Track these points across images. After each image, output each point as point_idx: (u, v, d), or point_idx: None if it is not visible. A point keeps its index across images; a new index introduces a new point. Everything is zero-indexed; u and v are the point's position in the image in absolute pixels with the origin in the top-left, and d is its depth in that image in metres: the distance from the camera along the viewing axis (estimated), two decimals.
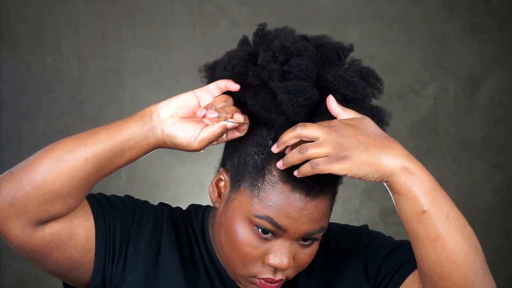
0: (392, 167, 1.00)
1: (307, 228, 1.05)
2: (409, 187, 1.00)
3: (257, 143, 1.06)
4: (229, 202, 1.09)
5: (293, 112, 1.02)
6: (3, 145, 2.69)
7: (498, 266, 2.83)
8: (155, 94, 2.72)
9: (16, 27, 2.69)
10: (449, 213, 1.01)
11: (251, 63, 1.06)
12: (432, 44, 2.77)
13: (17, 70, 2.69)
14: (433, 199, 1.00)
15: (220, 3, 2.72)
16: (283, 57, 1.04)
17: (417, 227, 1.01)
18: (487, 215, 2.77)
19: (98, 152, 1.03)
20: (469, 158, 2.78)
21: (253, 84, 1.05)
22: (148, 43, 2.72)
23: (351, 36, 2.69)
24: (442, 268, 1.01)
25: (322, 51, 1.07)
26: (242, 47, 1.10)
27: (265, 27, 1.10)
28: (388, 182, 1.01)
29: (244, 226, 1.06)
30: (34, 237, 1.05)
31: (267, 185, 1.04)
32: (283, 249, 1.06)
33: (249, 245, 1.06)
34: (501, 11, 2.79)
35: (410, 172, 1.01)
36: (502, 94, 2.79)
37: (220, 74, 1.08)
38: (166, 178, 2.73)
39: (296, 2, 2.75)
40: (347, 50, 1.09)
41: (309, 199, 1.04)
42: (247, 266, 1.08)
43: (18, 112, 2.69)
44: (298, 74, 1.03)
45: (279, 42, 1.05)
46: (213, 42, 2.70)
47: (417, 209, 1.00)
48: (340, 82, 1.04)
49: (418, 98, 2.76)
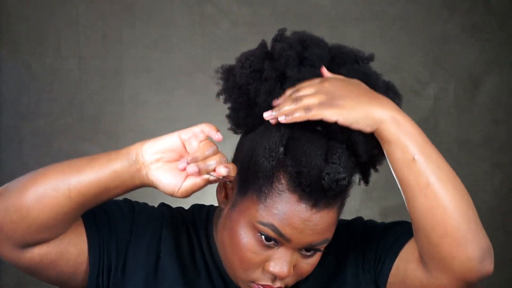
0: (382, 116, 1.01)
1: (310, 239, 1.04)
2: (399, 135, 1.02)
3: (268, 149, 1.05)
4: (235, 205, 1.09)
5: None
6: (3, 145, 2.69)
7: (498, 266, 2.82)
8: (155, 94, 2.72)
9: (16, 27, 2.69)
10: (439, 163, 1.03)
11: (268, 59, 1.07)
12: (432, 44, 2.77)
13: (17, 70, 2.69)
14: (423, 149, 1.02)
15: (220, 3, 2.72)
16: (299, 48, 1.05)
17: (408, 174, 1.02)
18: (487, 215, 2.77)
19: (83, 191, 1.01)
20: (469, 158, 2.78)
21: (269, 78, 1.05)
22: (148, 43, 2.72)
23: (351, 36, 2.69)
24: (434, 214, 1.02)
25: (340, 55, 1.08)
26: (260, 47, 1.10)
27: (285, 32, 1.10)
28: (378, 131, 1.02)
29: (248, 231, 1.06)
30: (23, 258, 1.04)
31: (274, 192, 1.03)
32: (284, 258, 1.05)
33: (250, 250, 1.06)
34: (501, 11, 2.79)
35: (399, 122, 1.02)
36: (502, 94, 2.79)
37: (238, 72, 1.08)
38: None
39: (296, 2, 2.75)
40: (367, 58, 1.11)
41: (315, 211, 1.03)
42: (247, 271, 1.07)
43: (18, 112, 2.69)
44: (314, 62, 1.04)
45: (296, 34, 1.07)
46: (213, 42, 2.70)
47: (407, 156, 1.02)
48: (354, 75, 1.06)
49: (418, 98, 2.76)
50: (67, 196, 1.01)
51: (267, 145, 1.05)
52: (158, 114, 2.72)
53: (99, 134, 2.70)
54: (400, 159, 1.02)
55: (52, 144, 2.70)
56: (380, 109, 1.01)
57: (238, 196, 1.08)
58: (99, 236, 1.09)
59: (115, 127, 2.70)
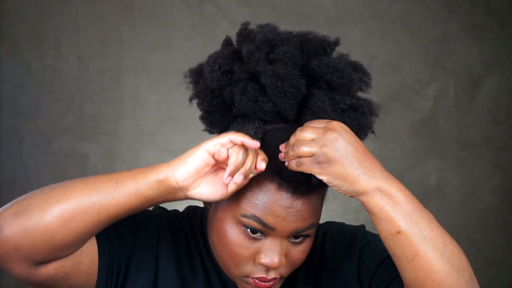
0: (366, 187, 0.99)
1: (295, 225, 1.04)
2: (382, 207, 0.99)
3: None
4: (218, 203, 1.09)
5: (279, 97, 1.02)
6: (3, 145, 2.69)
7: (498, 266, 2.83)
8: (155, 94, 2.72)
9: (16, 27, 2.69)
10: (427, 233, 1.00)
11: (236, 60, 1.07)
12: (432, 44, 2.77)
13: (17, 70, 2.69)
14: (409, 220, 0.99)
15: (220, 3, 2.72)
16: (267, 48, 1.05)
17: (394, 246, 1.00)
18: (487, 215, 2.77)
19: (113, 215, 1.00)
20: (469, 158, 2.78)
21: (240, 78, 1.05)
22: (148, 43, 2.72)
23: (351, 36, 2.69)
24: (423, 286, 1.00)
25: (308, 45, 1.07)
26: (225, 47, 1.11)
27: (248, 26, 1.11)
28: (361, 201, 1.01)
29: (233, 226, 1.06)
30: (37, 274, 1.03)
31: (253, 183, 1.03)
32: (273, 248, 1.05)
33: (239, 245, 1.06)
34: (501, 11, 2.79)
35: (384, 193, 1.00)
36: (502, 94, 2.79)
37: (209, 77, 1.07)
38: None
39: (296, 2, 2.75)
40: (333, 43, 1.10)
41: (296, 197, 1.03)
42: (239, 266, 1.08)
43: (18, 112, 2.69)
44: (286, 61, 1.03)
45: (262, 35, 1.06)
46: (213, 42, 2.69)
47: (392, 229, 1.00)
48: (324, 69, 1.05)
49: (418, 98, 2.76)
50: (96, 220, 1.00)
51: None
52: (158, 114, 2.72)
53: (99, 134, 2.70)
54: (385, 231, 1.00)
55: (52, 144, 2.70)
56: (366, 180, 0.99)
57: None
58: (109, 245, 1.09)
59: (115, 127, 2.70)
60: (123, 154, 2.71)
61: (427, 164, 2.76)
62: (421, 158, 2.76)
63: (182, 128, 2.72)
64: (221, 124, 1.11)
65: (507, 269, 2.79)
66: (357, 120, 1.05)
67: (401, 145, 2.73)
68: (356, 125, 1.04)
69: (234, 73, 1.05)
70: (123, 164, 2.70)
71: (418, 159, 2.75)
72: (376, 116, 1.09)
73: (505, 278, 2.79)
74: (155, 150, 2.72)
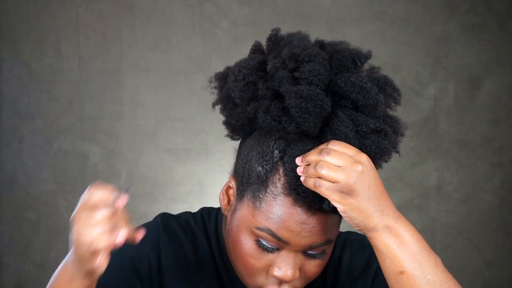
0: (376, 224, 0.99)
1: (309, 241, 1.03)
2: (388, 245, 0.99)
3: (262, 153, 1.05)
4: (234, 212, 1.08)
5: (303, 118, 1.00)
6: (3, 145, 2.69)
7: (498, 266, 2.83)
8: (155, 94, 2.72)
9: (16, 27, 2.69)
10: (431, 277, 0.99)
11: (262, 72, 1.05)
12: (432, 44, 2.77)
13: (17, 70, 2.69)
14: (413, 261, 0.99)
15: (220, 3, 2.72)
16: (293, 64, 1.02)
17: (395, 286, 1.00)
18: (487, 215, 2.77)
19: None
20: (469, 158, 2.78)
21: (264, 96, 1.03)
22: (148, 43, 2.72)
23: (351, 36, 2.69)
24: None
25: (337, 57, 1.05)
26: (252, 56, 1.08)
27: (279, 32, 1.09)
28: (368, 237, 1.00)
29: (247, 237, 1.05)
30: None
31: (269, 196, 1.03)
32: (287, 261, 1.04)
33: (252, 256, 1.05)
34: (501, 11, 2.78)
35: (392, 231, 0.99)
36: (502, 94, 2.79)
37: (232, 86, 1.05)
38: (166, 178, 2.73)
39: (296, 2, 2.75)
40: (365, 57, 1.07)
41: (310, 214, 1.02)
42: (253, 277, 1.07)
43: (18, 112, 2.69)
44: (311, 80, 1.00)
45: (289, 49, 1.03)
46: (213, 42, 2.70)
47: (395, 269, 0.99)
48: (351, 87, 1.02)
49: (418, 98, 2.76)
50: None
51: (262, 149, 1.05)
52: (158, 114, 2.72)
53: (99, 134, 2.70)
54: (389, 269, 1.00)
55: (52, 144, 2.70)
56: (377, 217, 0.99)
57: (237, 202, 1.08)
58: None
59: (115, 127, 2.70)
60: (123, 154, 2.71)
61: (427, 164, 2.76)
62: (421, 158, 2.76)
63: (182, 128, 2.72)
64: (243, 131, 1.09)
65: (507, 269, 2.79)
66: (377, 144, 1.03)
67: (401, 145, 2.73)
68: (376, 149, 1.03)
69: (257, 87, 1.03)
70: (123, 164, 2.70)
71: (418, 159, 2.75)
72: (402, 136, 1.09)
73: (505, 278, 2.78)
74: (155, 150, 2.72)
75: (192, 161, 2.72)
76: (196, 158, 2.70)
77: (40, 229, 2.71)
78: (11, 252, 2.72)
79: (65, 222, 2.70)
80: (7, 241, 2.71)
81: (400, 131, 1.08)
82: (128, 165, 2.70)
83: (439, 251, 2.76)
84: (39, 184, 2.69)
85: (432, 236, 2.75)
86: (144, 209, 2.72)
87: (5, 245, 2.72)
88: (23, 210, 2.70)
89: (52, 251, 2.72)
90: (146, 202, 2.72)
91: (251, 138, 1.08)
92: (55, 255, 2.71)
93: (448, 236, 2.76)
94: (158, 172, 2.72)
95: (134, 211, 2.71)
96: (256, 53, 1.10)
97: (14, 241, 2.71)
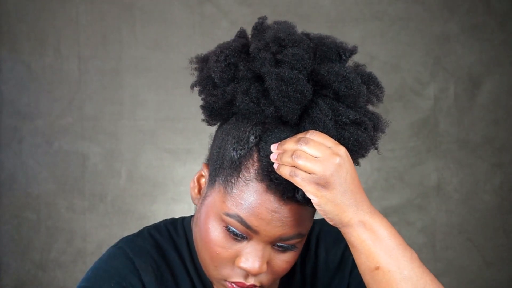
0: (351, 218, 0.97)
1: (280, 231, 1.00)
2: (363, 241, 0.97)
3: (238, 138, 1.02)
4: (204, 199, 1.05)
5: (282, 102, 0.97)
6: (3, 145, 2.69)
7: (498, 266, 2.83)
8: (155, 94, 2.72)
9: (16, 27, 2.69)
10: (407, 272, 0.97)
11: (244, 54, 1.03)
12: (432, 44, 2.77)
13: (17, 70, 2.69)
14: (389, 256, 0.97)
15: (220, 3, 2.72)
16: (276, 48, 1.00)
17: (371, 282, 0.98)
18: (487, 215, 2.77)
19: None
20: (469, 158, 2.78)
21: (244, 77, 1.01)
22: (148, 43, 2.72)
23: (351, 36, 2.69)
24: None
25: (322, 48, 1.03)
26: (237, 39, 1.06)
27: (265, 21, 1.06)
28: (343, 232, 0.98)
29: (216, 224, 1.02)
30: None
31: (241, 181, 1.00)
32: (255, 252, 1.01)
33: (219, 245, 1.02)
34: (501, 11, 2.78)
35: (367, 226, 0.97)
36: (502, 94, 2.79)
37: (213, 66, 1.03)
38: (166, 178, 2.73)
39: (296, 2, 2.75)
40: (350, 51, 1.05)
41: (283, 202, 0.99)
42: (218, 267, 1.04)
43: (18, 112, 2.69)
44: (293, 64, 0.98)
45: (273, 33, 1.01)
46: (213, 42, 2.69)
47: (371, 264, 0.97)
48: (333, 77, 1.00)
49: (418, 98, 2.76)
50: None
51: (238, 134, 1.02)
52: (158, 114, 2.72)
53: (99, 134, 2.70)
54: (364, 264, 0.98)
55: (52, 144, 2.70)
56: (351, 211, 0.97)
57: (207, 189, 1.05)
58: None
59: (115, 127, 2.70)
60: (123, 154, 2.71)
61: (427, 164, 2.76)
62: (421, 158, 2.76)
63: (182, 128, 2.72)
64: (220, 116, 1.06)
65: (507, 269, 2.79)
66: (356, 136, 1.00)
67: (401, 145, 2.73)
68: (354, 141, 1.00)
69: (238, 69, 1.01)
70: (123, 164, 2.70)
71: (418, 159, 2.75)
72: (383, 133, 1.05)
73: (504, 278, 2.79)
74: (155, 150, 2.72)
75: (192, 161, 2.72)
76: (196, 158, 2.70)
77: (40, 229, 2.71)
78: (11, 252, 2.72)
79: (65, 222, 2.70)
80: (7, 241, 2.71)
81: (381, 128, 1.05)
82: (128, 165, 2.70)
83: (439, 251, 2.76)
84: (39, 184, 2.69)
85: (432, 236, 2.75)
86: (144, 209, 2.72)
87: (5, 245, 2.72)
88: (23, 210, 2.70)
89: (52, 251, 2.72)
90: (146, 202, 2.72)
91: (228, 123, 1.05)
92: (55, 255, 2.71)
93: (448, 236, 2.76)
94: (158, 172, 2.72)
95: (134, 211, 2.72)
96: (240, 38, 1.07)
97: (14, 241, 2.71)
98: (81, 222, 2.71)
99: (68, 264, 2.71)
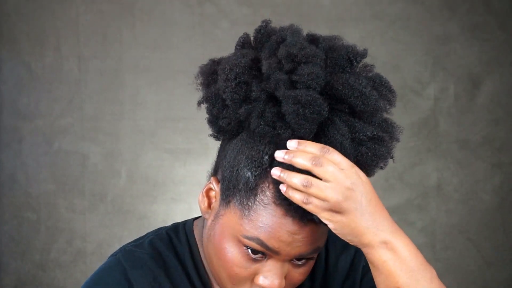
0: (371, 240, 0.95)
1: (299, 250, 0.99)
2: (384, 261, 0.96)
3: (251, 158, 0.98)
4: (218, 217, 1.02)
5: (299, 124, 0.94)
6: (3, 145, 2.69)
7: (498, 266, 2.83)
8: (155, 94, 2.71)
9: (16, 27, 2.69)
10: None
11: (255, 71, 0.98)
12: (432, 44, 2.77)
13: (17, 70, 2.69)
14: (410, 277, 0.96)
15: (220, 3, 2.72)
16: (289, 65, 0.96)
17: None
18: (487, 215, 2.77)
19: None
20: (469, 158, 2.78)
21: (258, 99, 0.97)
22: (148, 43, 2.72)
23: (351, 36, 2.67)
24: None
25: (333, 56, 1.00)
26: (243, 52, 1.01)
27: (269, 24, 1.02)
28: (364, 252, 0.97)
29: (233, 245, 1.00)
30: None
31: (259, 205, 0.97)
32: (274, 270, 1.00)
33: (237, 265, 1.00)
34: (501, 11, 2.78)
35: (389, 247, 0.96)
36: (502, 94, 2.79)
37: (222, 85, 0.99)
38: (166, 178, 2.73)
39: (296, 2, 2.75)
40: (361, 55, 1.02)
41: (303, 224, 0.97)
42: (236, 285, 1.03)
43: (18, 112, 2.69)
44: (309, 84, 0.95)
45: (285, 49, 0.97)
46: (213, 42, 2.70)
47: (390, 284, 0.96)
48: (349, 91, 0.97)
49: (418, 98, 2.76)
50: None
51: (251, 154, 0.99)
52: (158, 114, 2.72)
53: (99, 134, 2.70)
54: (382, 283, 0.97)
55: (52, 144, 2.70)
56: (371, 234, 0.95)
57: (221, 207, 1.02)
58: None
59: (115, 127, 2.70)
60: (123, 154, 2.71)
61: (427, 164, 2.76)
62: (421, 158, 2.76)
63: (182, 128, 2.72)
64: (230, 132, 1.02)
65: (506, 269, 2.79)
66: (374, 151, 0.99)
67: (401, 145, 2.72)
68: (372, 156, 0.99)
69: (250, 88, 0.97)
70: (123, 164, 2.70)
71: (418, 159, 2.75)
72: (398, 141, 1.04)
73: (504, 278, 2.78)
74: (155, 150, 2.72)
75: (192, 161, 2.72)
76: (196, 158, 2.70)
77: (40, 229, 2.71)
78: (11, 252, 2.72)
79: (65, 222, 2.70)
80: (7, 241, 2.71)
81: (396, 136, 1.04)
82: (128, 165, 2.70)
83: (439, 251, 2.76)
84: (39, 184, 2.69)
85: (432, 236, 2.75)
86: (144, 209, 2.72)
87: (5, 245, 2.71)
88: (23, 210, 2.70)
89: (52, 251, 2.72)
90: (146, 202, 2.72)
91: (238, 139, 1.02)
92: (55, 255, 2.71)
93: (448, 236, 2.76)
94: (158, 172, 2.72)
95: (134, 211, 2.72)
96: (245, 47, 1.03)
97: (14, 241, 2.71)
98: (81, 222, 2.71)
99: (68, 264, 2.71)
